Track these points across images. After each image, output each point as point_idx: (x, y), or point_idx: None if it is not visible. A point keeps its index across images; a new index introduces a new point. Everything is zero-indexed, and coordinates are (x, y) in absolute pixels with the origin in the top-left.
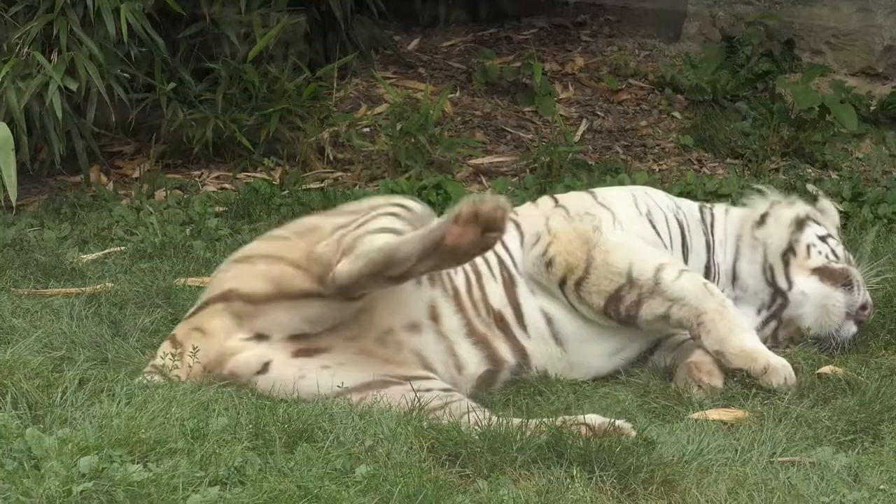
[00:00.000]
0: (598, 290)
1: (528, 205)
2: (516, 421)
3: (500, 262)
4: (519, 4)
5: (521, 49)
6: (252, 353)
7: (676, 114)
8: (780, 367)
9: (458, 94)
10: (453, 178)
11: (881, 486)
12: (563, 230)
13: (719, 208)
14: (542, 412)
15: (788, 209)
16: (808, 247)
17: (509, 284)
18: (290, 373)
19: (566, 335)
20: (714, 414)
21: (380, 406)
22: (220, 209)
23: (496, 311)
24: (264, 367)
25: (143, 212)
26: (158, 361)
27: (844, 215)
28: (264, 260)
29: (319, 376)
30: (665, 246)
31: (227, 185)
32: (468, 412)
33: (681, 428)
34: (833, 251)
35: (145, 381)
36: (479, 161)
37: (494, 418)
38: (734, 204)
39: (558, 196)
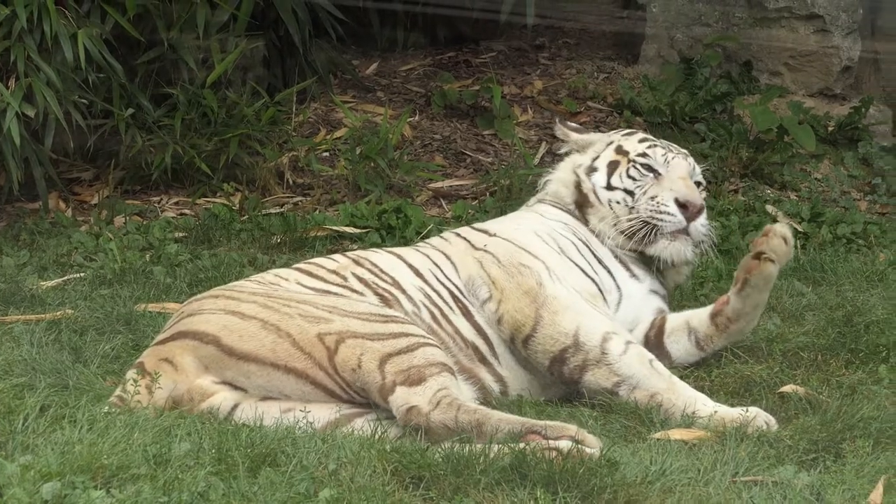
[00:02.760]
0: (543, 350)
1: (437, 240)
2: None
3: (451, 294)
4: (477, 28)
5: (479, 72)
6: (227, 396)
7: None
8: (752, 417)
9: (417, 117)
10: (413, 202)
11: None
12: (509, 286)
13: (543, 194)
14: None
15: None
16: (610, 204)
17: (468, 314)
18: (254, 413)
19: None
20: (676, 434)
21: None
22: (180, 235)
23: (471, 343)
24: (234, 408)
25: (102, 238)
26: (128, 389)
27: (804, 236)
28: (260, 324)
29: (284, 416)
30: (586, 272)
31: (186, 211)
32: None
33: (643, 448)
34: (625, 192)
35: (108, 409)
36: (438, 185)
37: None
38: None
39: (465, 235)
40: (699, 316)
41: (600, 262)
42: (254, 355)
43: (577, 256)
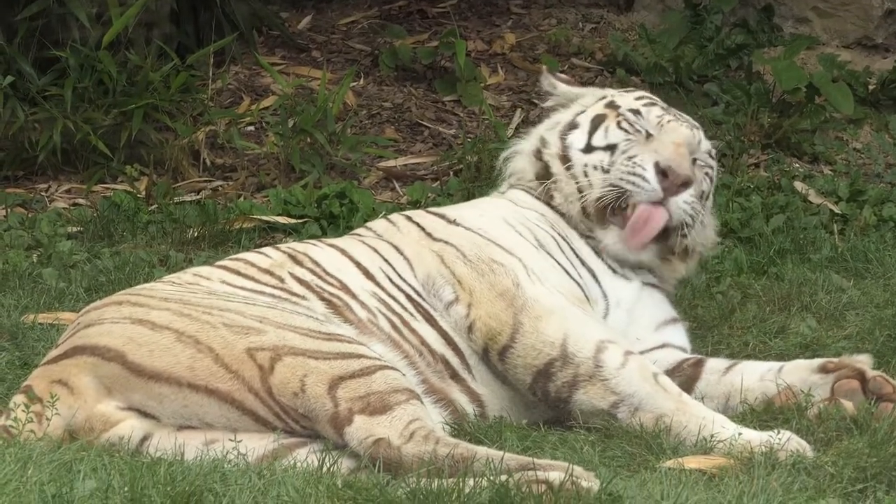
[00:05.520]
0: (524, 364)
1: (383, 225)
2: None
3: (408, 297)
4: None
5: (438, 25)
6: (135, 424)
7: None
8: (783, 441)
9: (362, 81)
10: (360, 185)
11: None
12: (479, 287)
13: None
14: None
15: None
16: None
17: (432, 320)
18: (172, 444)
19: None
20: (692, 462)
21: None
22: (74, 229)
23: (439, 356)
24: (144, 440)
25: None
26: (17, 417)
27: (842, 219)
28: (176, 336)
29: (209, 448)
30: (569, 273)
31: (80, 200)
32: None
33: (652, 480)
34: (606, 149)
35: None
36: (390, 163)
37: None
38: None
39: (418, 220)
40: (748, 395)
41: (583, 263)
42: (167, 374)
43: (558, 253)
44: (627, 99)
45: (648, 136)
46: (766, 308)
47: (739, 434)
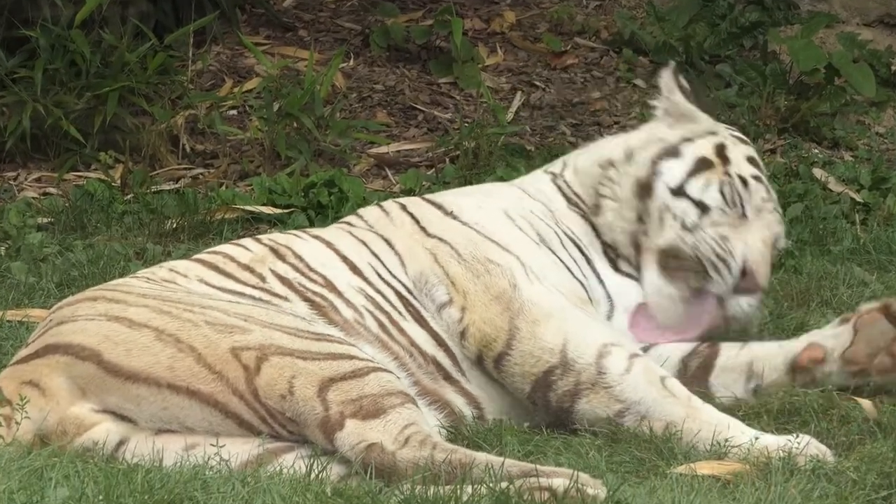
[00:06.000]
0: (521, 372)
1: (375, 214)
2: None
3: (398, 295)
4: None
5: (433, 2)
6: (111, 428)
7: (639, 81)
8: (803, 445)
9: (352, 62)
10: (349, 173)
11: None
12: (474, 289)
13: (570, 170)
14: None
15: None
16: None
17: (422, 321)
18: (150, 449)
19: None
20: (705, 467)
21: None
22: (45, 220)
23: (430, 357)
24: (120, 445)
25: None
26: None
27: (864, 208)
28: (155, 334)
29: (189, 454)
30: (572, 272)
31: (51, 190)
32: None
33: (663, 487)
34: (697, 205)
35: None
36: (382, 150)
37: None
38: None
39: (413, 210)
40: (771, 361)
41: (589, 262)
42: (145, 375)
43: (560, 250)
44: (738, 156)
45: (744, 215)
46: (784, 304)
47: (756, 438)
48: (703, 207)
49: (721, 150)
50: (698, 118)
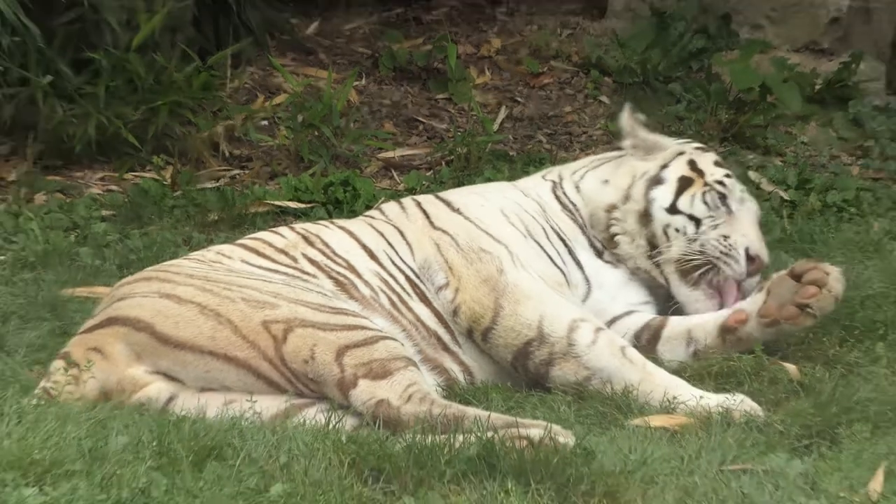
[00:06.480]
0: (504, 343)
1: (395, 209)
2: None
3: (407, 278)
4: None
5: (431, 30)
6: (162, 387)
7: (604, 98)
8: (738, 402)
9: (363, 81)
10: (362, 174)
11: (841, 494)
12: (467, 273)
13: (568, 184)
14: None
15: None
16: (665, 230)
17: (426, 300)
18: (195, 404)
19: None
20: (657, 420)
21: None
22: (108, 213)
23: (433, 331)
24: (170, 400)
25: (22, 217)
26: (57, 380)
27: (791, 204)
28: (199, 309)
29: (228, 408)
30: (553, 260)
31: (113, 187)
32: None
33: (622, 436)
34: (690, 218)
35: (36, 401)
36: (389, 154)
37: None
38: None
39: (425, 207)
40: (704, 327)
41: (571, 252)
42: (191, 343)
43: (544, 241)
44: (708, 164)
45: (730, 211)
46: None
47: (699, 397)
48: (695, 218)
49: (694, 165)
50: (664, 144)
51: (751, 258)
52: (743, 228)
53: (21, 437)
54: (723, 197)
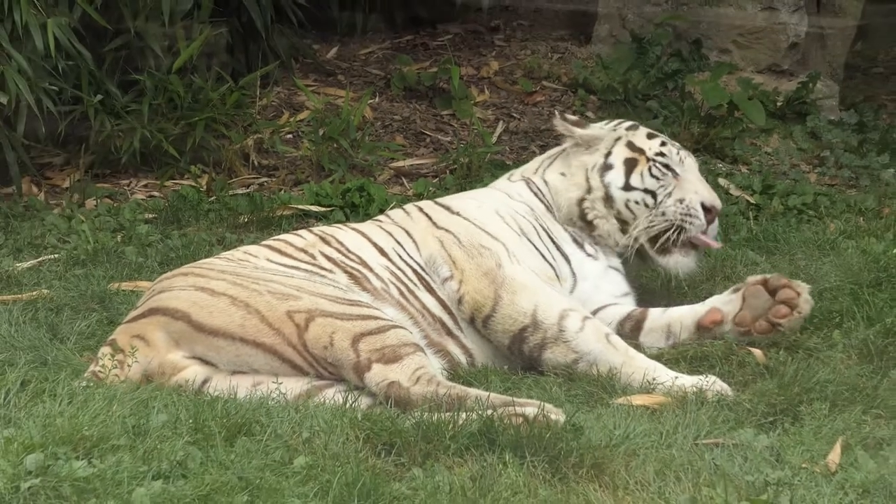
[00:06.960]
0: (502, 329)
1: (400, 213)
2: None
3: (414, 271)
4: (434, 11)
5: (437, 55)
6: (197, 370)
7: (590, 114)
8: (710, 383)
9: (377, 99)
10: (375, 181)
11: (803, 465)
12: (469, 267)
13: (540, 182)
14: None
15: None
16: (627, 205)
17: (432, 290)
18: (227, 386)
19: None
20: (638, 399)
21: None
22: (150, 216)
23: (437, 318)
24: (205, 382)
25: (74, 220)
26: (104, 364)
27: (756, 207)
28: (230, 300)
29: (256, 389)
30: (544, 256)
31: (155, 193)
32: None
33: (607, 413)
34: (646, 192)
35: (85, 383)
36: (400, 164)
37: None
38: None
39: (427, 211)
40: (683, 322)
41: (559, 248)
42: (223, 330)
43: (536, 240)
44: (643, 139)
45: (675, 174)
46: (697, 278)
47: (676, 378)
48: (650, 191)
49: (633, 146)
50: (601, 135)
51: (707, 209)
52: (693, 186)
53: (72, 416)
54: (666, 166)
